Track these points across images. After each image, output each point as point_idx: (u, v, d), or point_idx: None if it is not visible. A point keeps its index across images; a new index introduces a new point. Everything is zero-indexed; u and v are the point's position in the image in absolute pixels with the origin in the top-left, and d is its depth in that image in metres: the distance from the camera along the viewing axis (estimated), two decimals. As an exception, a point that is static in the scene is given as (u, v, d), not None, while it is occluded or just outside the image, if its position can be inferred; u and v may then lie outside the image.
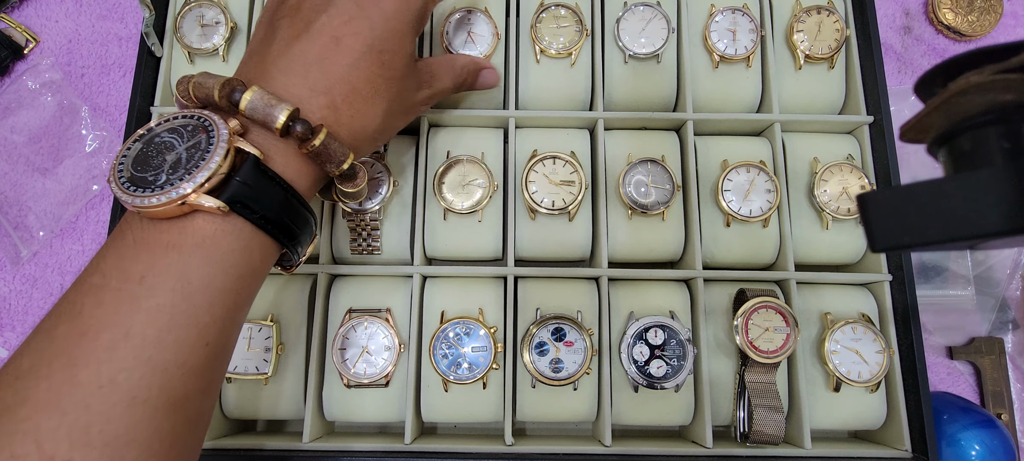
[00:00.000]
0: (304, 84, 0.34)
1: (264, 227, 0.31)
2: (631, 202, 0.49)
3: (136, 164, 0.31)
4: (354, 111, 0.36)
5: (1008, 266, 0.56)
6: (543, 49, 0.51)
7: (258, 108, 0.31)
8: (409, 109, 0.41)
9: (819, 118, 0.52)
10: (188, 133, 0.31)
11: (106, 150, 0.57)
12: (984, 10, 0.60)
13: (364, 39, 0.36)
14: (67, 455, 0.26)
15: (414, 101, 0.42)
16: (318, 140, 0.32)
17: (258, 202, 0.31)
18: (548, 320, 0.46)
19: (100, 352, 0.27)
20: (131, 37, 0.60)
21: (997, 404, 0.54)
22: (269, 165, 0.32)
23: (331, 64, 0.35)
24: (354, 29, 0.36)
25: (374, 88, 0.36)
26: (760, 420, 0.45)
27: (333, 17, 0.36)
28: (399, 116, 0.40)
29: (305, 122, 0.32)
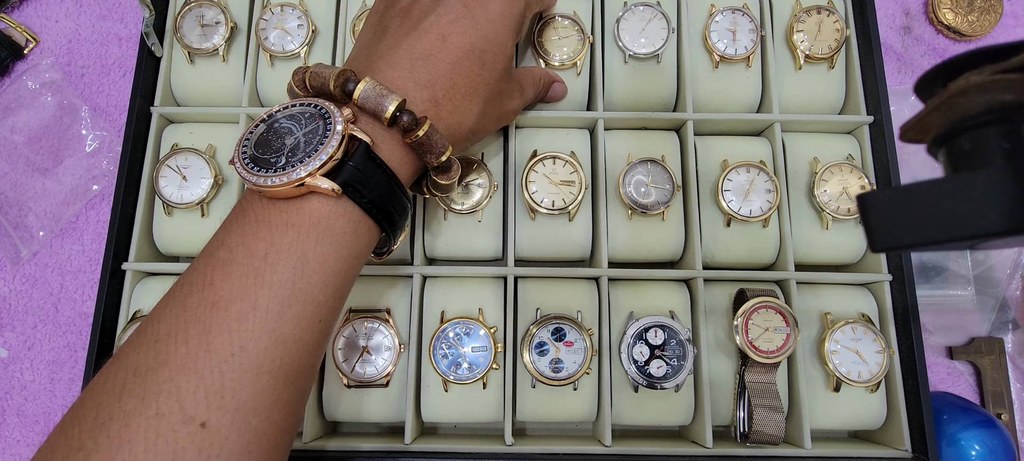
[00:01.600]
0: (409, 77, 0.35)
1: (370, 212, 0.33)
2: (631, 202, 0.49)
3: (258, 146, 0.33)
4: (453, 106, 0.37)
5: (1008, 266, 0.56)
6: (548, 62, 0.51)
7: (370, 98, 0.33)
8: (502, 115, 0.43)
9: (819, 118, 0.52)
10: (306, 120, 0.33)
11: (106, 150, 0.57)
12: (984, 10, 0.60)
13: (468, 38, 0.37)
14: (205, 416, 0.27)
15: (507, 108, 0.44)
16: (422, 130, 0.34)
17: (367, 186, 0.32)
18: (548, 320, 0.46)
19: (231, 322, 0.29)
20: (131, 37, 0.60)
21: (997, 404, 0.54)
22: (377, 153, 0.33)
23: (436, 60, 0.36)
24: (460, 27, 0.37)
25: (473, 86, 0.38)
26: (760, 420, 0.45)
27: (441, 16, 0.37)
28: (493, 119, 0.42)
29: (411, 113, 0.33)
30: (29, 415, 0.53)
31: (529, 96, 0.47)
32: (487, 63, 0.38)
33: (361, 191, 0.32)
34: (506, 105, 0.43)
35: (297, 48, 0.51)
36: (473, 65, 0.38)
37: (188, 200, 0.49)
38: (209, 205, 0.50)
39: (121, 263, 0.49)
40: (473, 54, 0.38)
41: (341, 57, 0.52)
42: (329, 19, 0.54)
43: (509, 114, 0.44)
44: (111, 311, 0.48)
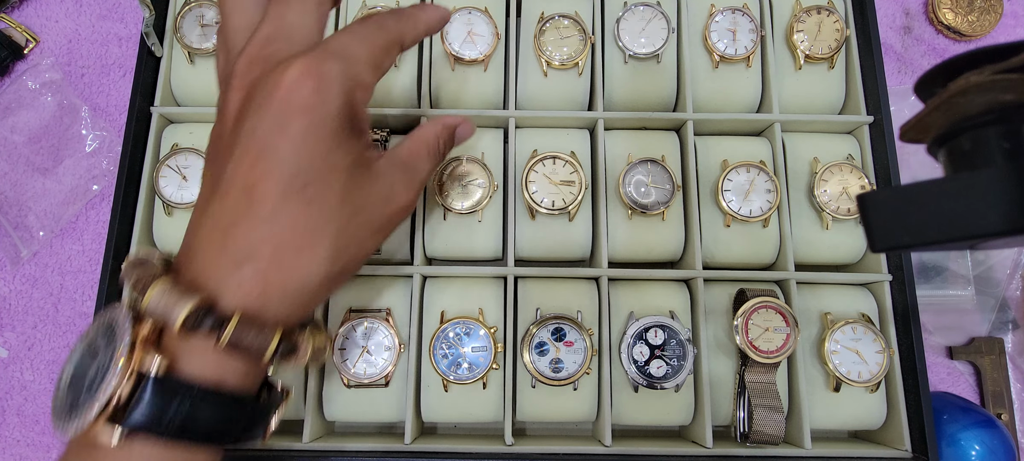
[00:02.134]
0: (222, 256, 0.29)
1: (194, 441, 0.28)
2: (631, 202, 0.49)
3: (74, 377, 0.28)
4: (286, 271, 0.29)
5: (1008, 266, 0.56)
6: (549, 61, 0.51)
7: (157, 308, 0.28)
8: (378, 228, 0.34)
9: (819, 118, 0.52)
10: (102, 341, 0.28)
11: (106, 150, 0.57)
12: (984, 10, 0.60)
13: (277, 179, 0.29)
14: None
15: (388, 213, 0.34)
16: (226, 335, 0.28)
17: (172, 421, 0.27)
18: (548, 320, 0.46)
19: None
20: (131, 37, 0.60)
21: (997, 404, 0.54)
22: (184, 370, 0.28)
23: (247, 225, 0.29)
24: (262, 170, 0.29)
25: (307, 232, 0.30)
26: (760, 420, 0.45)
27: (239, 162, 0.29)
28: (360, 246, 0.33)
29: (212, 314, 0.27)
30: (29, 415, 0.53)
31: (424, 171, 0.37)
32: (315, 198, 0.30)
33: (166, 426, 0.27)
34: (384, 212, 0.33)
35: (297, 48, 0.51)
36: (296, 209, 0.29)
37: (188, 200, 0.49)
38: (209, 205, 0.50)
39: (121, 263, 0.49)
40: (290, 196, 0.29)
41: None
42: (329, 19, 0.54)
43: (397, 215, 0.35)
44: (111, 311, 0.48)
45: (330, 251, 0.31)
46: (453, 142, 0.40)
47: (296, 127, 0.29)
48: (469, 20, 0.52)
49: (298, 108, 0.29)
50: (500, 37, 0.52)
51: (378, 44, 0.33)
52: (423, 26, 0.36)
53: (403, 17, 0.35)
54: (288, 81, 0.29)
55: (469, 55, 0.51)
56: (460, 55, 0.51)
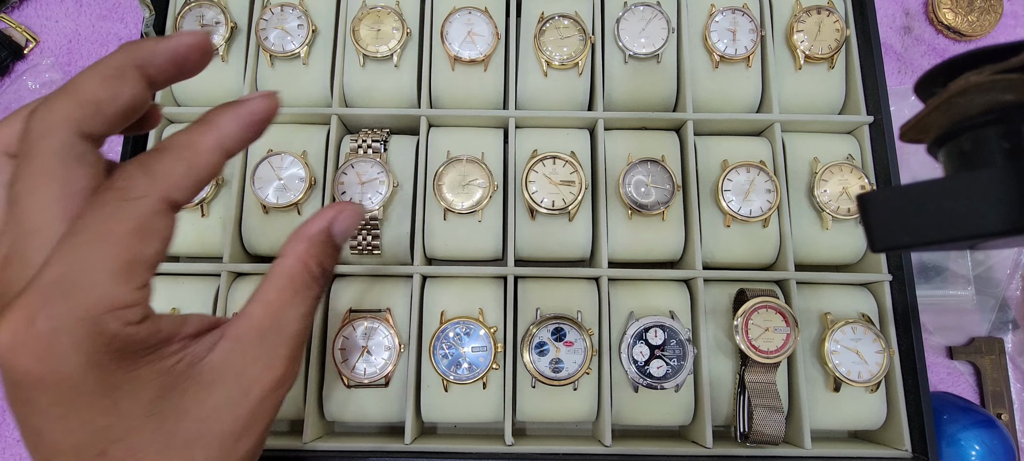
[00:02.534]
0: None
1: None
2: (631, 202, 0.49)
3: None
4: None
5: (1008, 266, 0.56)
6: (549, 61, 0.51)
7: None
8: (241, 434, 0.26)
9: (819, 118, 0.52)
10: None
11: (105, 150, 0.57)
12: (984, 10, 0.60)
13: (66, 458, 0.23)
14: None
15: (241, 418, 0.26)
16: None
17: None
18: (548, 320, 0.46)
19: None
20: (131, 37, 0.60)
21: (997, 404, 0.54)
22: None
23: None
24: (43, 453, 0.23)
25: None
26: (760, 420, 0.45)
27: (24, 437, 0.23)
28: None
29: None
30: (29, 415, 0.53)
31: (294, 328, 0.28)
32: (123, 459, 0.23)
33: None
34: (241, 413, 0.26)
35: (297, 48, 0.51)
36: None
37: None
38: (209, 205, 0.50)
39: (121, 263, 0.49)
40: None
41: (341, 57, 0.52)
42: (329, 19, 0.54)
43: (268, 400, 0.27)
44: (111, 311, 0.48)
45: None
46: (335, 252, 0.30)
47: (44, 402, 0.22)
48: (469, 20, 0.52)
49: (30, 383, 0.22)
50: (500, 37, 0.52)
51: (121, 231, 0.22)
52: (205, 169, 0.25)
53: (170, 159, 0.25)
54: (2, 353, 0.21)
55: (469, 55, 0.51)
56: (460, 55, 0.51)
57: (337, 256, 0.30)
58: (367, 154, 0.50)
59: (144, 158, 0.24)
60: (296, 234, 0.29)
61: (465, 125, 0.53)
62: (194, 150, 0.25)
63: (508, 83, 0.53)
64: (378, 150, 0.50)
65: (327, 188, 0.49)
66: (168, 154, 0.25)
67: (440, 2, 0.53)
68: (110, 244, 0.22)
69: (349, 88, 0.52)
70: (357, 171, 0.49)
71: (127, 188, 0.23)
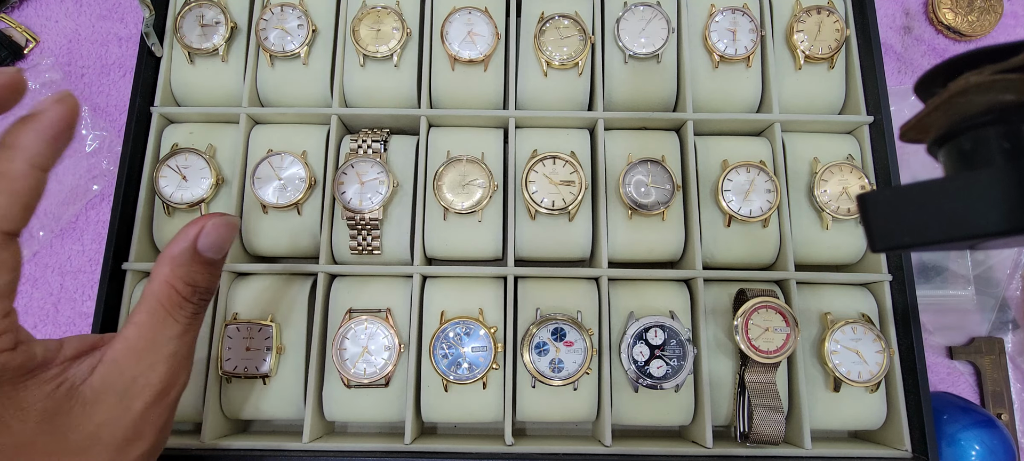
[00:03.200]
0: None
1: None
2: (631, 202, 0.49)
3: None
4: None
5: (1008, 266, 0.56)
6: (549, 61, 0.51)
7: None
8: (133, 436, 0.28)
9: (819, 118, 0.52)
10: None
11: (106, 150, 0.57)
12: (984, 10, 0.60)
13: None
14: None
15: (128, 424, 0.28)
16: None
17: None
18: (548, 320, 0.46)
19: None
20: (131, 37, 0.60)
21: (997, 404, 0.54)
22: None
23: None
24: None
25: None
26: (760, 420, 0.45)
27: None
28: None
29: None
30: (29, 415, 0.53)
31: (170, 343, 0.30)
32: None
33: None
34: (127, 420, 0.28)
35: (297, 48, 0.51)
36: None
37: (188, 200, 0.49)
38: (209, 205, 0.50)
39: (121, 263, 0.49)
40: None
41: (341, 57, 0.52)
42: (329, 19, 0.54)
43: (154, 407, 0.29)
44: (111, 311, 0.48)
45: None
46: (205, 267, 0.30)
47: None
48: (469, 20, 0.52)
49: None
50: (500, 37, 0.52)
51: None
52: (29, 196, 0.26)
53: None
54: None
55: (469, 55, 0.51)
56: (460, 55, 0.51)
57: (211, 270, 0.30)
58: (367, 154, 0.50)
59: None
60: (161, 255, 0.30)
61: (465, 125, 0.53)
62: (9, 178, 0.25)
63: (508, 83, 0.53)
64: (378, 150, 0.50)
65: (327, 188, 0.49)
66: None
67: (440, 2, 0.53)
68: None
69: (349, 88, 0.52)
70: (357, 171, 0.49)
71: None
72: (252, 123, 0.53)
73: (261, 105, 0.54)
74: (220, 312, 0.48)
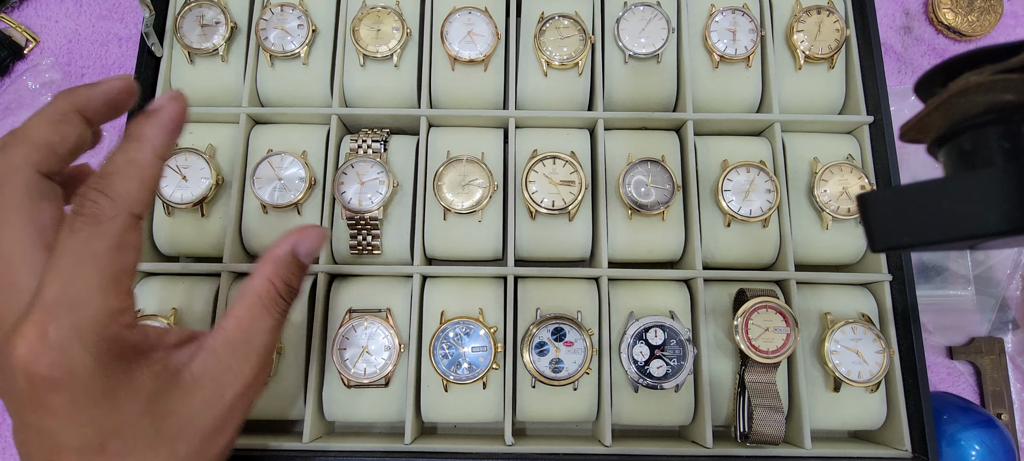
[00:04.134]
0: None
1: None
2: (631, 202, 0.49)
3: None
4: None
5: (1008, 266, 0.56)
6: (549, 61, 0.51)
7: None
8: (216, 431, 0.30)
9: (819, 118, 0.52)
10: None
11: (106, 150, 0.57)
12: (984, 10, 0.60)
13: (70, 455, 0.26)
14: None
15: (216, 418, 0.30)
16: None
17: None
18: (548, 320, 0.46)
19: None
20: (131, 37, 0.60)
21: (997, 404, 0.54)
22: None
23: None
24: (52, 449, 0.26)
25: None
26: (760, 420, 0.45)
27: (27, 443, 0.27)
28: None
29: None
30: (29, 415, 0.53)
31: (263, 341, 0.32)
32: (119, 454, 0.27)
33: None
34: (216, 414, 0.30)
35: (297, 48, 0.51)
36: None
37: (188, 200, 0.49)
38: (209, 205, 0.50)
39: (121, 263, 0.49)
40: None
41: (341, 57, 0.52)
42: (329, 19, 0.54)
43: (241, 402, 0.31)
44: (111, 311, 0.48)
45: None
46: (300, 271, 0.33)
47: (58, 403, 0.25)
48: (469, 20, 0.52)
49: (46, 388, 0.25)
50: (500, 37, 0.52)
51: (103, 249, 0.26)
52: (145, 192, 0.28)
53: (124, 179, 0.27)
54: (20, 364, 0.24)
55: (469, 55, 0.51)
56: (460, 55, 0.51)
57: (302, 274, 0.34)
58: (367, 154, 0.50)
59: (100, 183, 0.27)
60: (264, 256, 0.32)
61: (465, 125, 0.53)
62: (139, 166, 0.28)
63: (508, 83, 0.53)
64: (378, 150, 0.50)
65: (327, 188, 0.49)
66: (120, 176, 0.28)
67: (440, 2, 0.53)
68: (96, 262, 0.26)
69: (349, 88, 0.52)
70: (357, 171, 0.49)
71: (97, 213, 0.26)
72: (252, 123, 0.53)
73: (261, 105, 0.54)
74: (220, 312, 0.48)
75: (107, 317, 0.26)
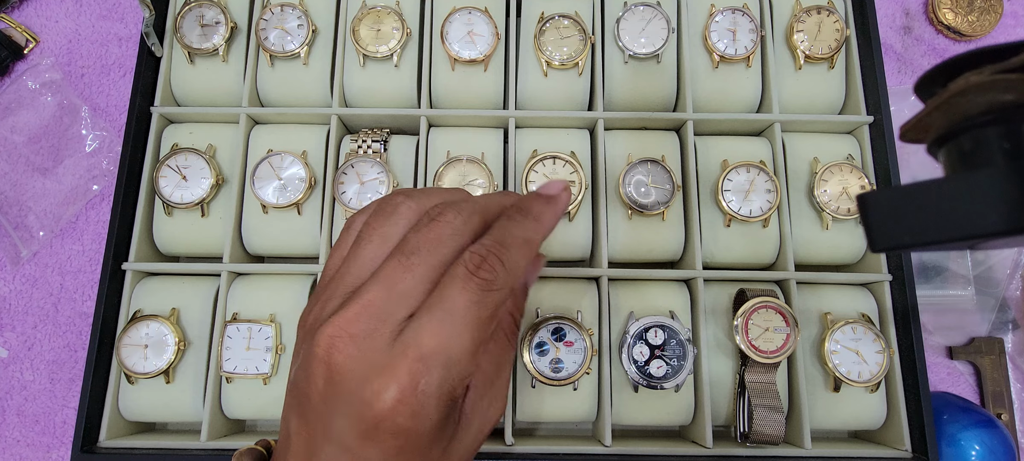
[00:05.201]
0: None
1: None
2: (631, 202, 0.49)
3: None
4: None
5: (1008, 266, 0.56)
6: (549, 61, 0.51)
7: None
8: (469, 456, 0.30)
9: (819, 118, 0.52)
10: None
11: (106, 150, 0.57)
12: (984, 10, 0.60)
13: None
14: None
15: (475, 447, 0.30)
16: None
17: None
18: (548, 320, 0.46)
19: None
20: (131, 37, 0.60)
21: (997, 404, 0.54)
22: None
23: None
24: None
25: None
26: (760, 420, 0.45)
27: (336, 457, 0.26)
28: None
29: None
30: (29, 415, 0.53)
31: (507, 375, 0.32)
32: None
33: None
34: (475, 445, 0.30)
35: (297, 48, 0.51)
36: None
37: (188, 200, 0.49)
38: (209, 205, 0.50)
39: (121, 263, 0.49)
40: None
41: (341, 57, 0.52)
42: (329, 19, 0.54)
43: (487, 434, 0.31)
44: (111, 311, 0.48)
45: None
46: (525, 299, 0.34)
47: (390, 446, 0.26)
48: (469, 20, 0.52)
49: (391, 431, 0.25)
50: (500, 37, 0.52)
51: (484, 317, 0.26)
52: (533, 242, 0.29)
53: (518, 255, 0.28)
54: (381, 405, 0.25)
55: (469, 55, 0.51)
56: (460, 55, 0.51)
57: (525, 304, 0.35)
58: (367, 154, 0.50)
59: (500, 251, 0.27)
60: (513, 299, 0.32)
61: (465, 125, 0.53)
62: (532, 247, 0.29)
63: (508, 83, 0.53)
64: (378, 150, 0.50)
65: (327, 188, 0.49)
66: (518, 250, 0.28)
67: (440, 2, 0.53)
68: (475, 327, 0.26)
69: (349, 88, 0.52)
70: (357, 171, 0.49)
71: (491, 280, 0.26)
72: (252, 123, 0.53)
73: (261, 105, 0.54)
74: (220, 312, 0.48)
75: (460, 380, 0.26)
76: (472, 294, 0.26)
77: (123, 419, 0.48)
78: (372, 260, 0.27)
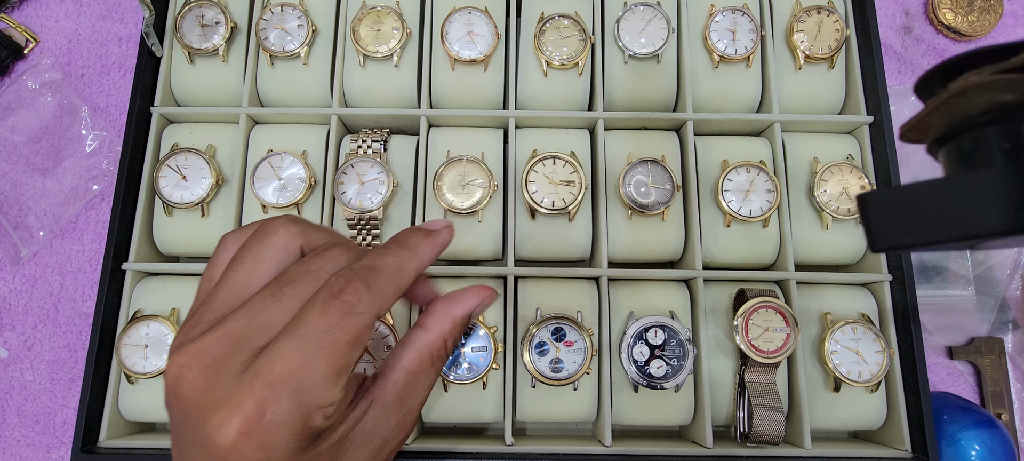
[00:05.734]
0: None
1: None
2: (631, 202, 0.49)
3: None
4: None
5: (1008, 266, 0.56)
6: (549, 61, 0.51)
7: None
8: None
9: (819, 118, 0.52)
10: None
11: (106, 150, 0.57)
12: (984, 10, 0.60)
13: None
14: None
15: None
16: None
17: None
18: (548, 320, 0.46)
19: None
20: (131, 37, 0.60)
21: (997, 404, 0.54)
22: None
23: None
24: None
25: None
26: (760, 420, 0.45)
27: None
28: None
29: None
30: (29, 415, 0.53)
31: (420, 399, 0.31)
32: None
33: None
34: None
35: (297, 48, 0.51)
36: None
37: (188, 200, 0.49)
38: (209, 205, 0.50)
39: (121, 263, 0.49)
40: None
41: (341, 57, 0.52)
42: (329, 19, 0.54)
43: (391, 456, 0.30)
44: (111, 311, 0.48)
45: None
46: (463, 330, 0.33)
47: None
48: (469, 20, 0.52)
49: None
50: (500, 37, 0.52)
51: (343, 341, 0.25)
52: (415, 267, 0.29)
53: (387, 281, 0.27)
54: (223, 439, 0.23)
55: (469, 55, 0.51)
56: (460, 55, 0.51)
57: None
58: (367, 154, 0.50)
59: (366, 274, 0.26)
60: (442, 311, 0.31)
61: (465, 125, 0.53)
62: (404, 274, 0.28)
63: (508, 83, 0.53)
64: (378, 150, 0.50)
65: (327, 188, 0.49)
66: (385, 276, 0.27)
67: (440, 2, 0.53)
68: (332, 352, 0.24)
69: (349, 88, 0.52)
70: (357, 171, 0.49)
71: (354, 304, 0.25)
72: (252, 123, 0.53)
73: (261, 105, 0.54)
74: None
75: (318, 408, 0.24)
76: (331, 318, 0.25)
77: (123, 419, 0.48)
78: (244, 284, 0.26)
